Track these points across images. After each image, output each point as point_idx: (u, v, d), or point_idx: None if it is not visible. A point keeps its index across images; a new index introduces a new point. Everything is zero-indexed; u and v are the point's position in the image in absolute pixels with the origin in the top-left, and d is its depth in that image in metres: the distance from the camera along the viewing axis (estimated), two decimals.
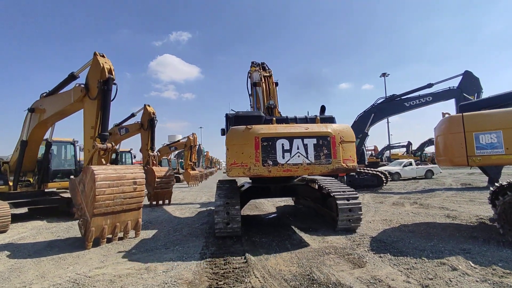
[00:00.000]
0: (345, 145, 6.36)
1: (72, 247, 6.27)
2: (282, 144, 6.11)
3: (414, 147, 48.29)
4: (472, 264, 4.34)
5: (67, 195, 9.85)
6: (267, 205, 11.55)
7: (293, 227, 7.62)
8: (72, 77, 7.81)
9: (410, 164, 22.12)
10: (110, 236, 6.51)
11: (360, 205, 6.87)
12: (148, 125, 13.08)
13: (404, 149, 49.01)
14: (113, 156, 16.02)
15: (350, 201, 6.90)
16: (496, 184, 7.40)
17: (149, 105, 13.31)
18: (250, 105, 14.40)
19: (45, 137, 9.84)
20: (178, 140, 26.25)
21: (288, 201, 12.31)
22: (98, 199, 6.00)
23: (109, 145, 7.04)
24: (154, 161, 12.91)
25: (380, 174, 15.91)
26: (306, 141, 6.19)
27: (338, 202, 6.84)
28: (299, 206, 11.21)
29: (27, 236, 7.42)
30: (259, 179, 8.35)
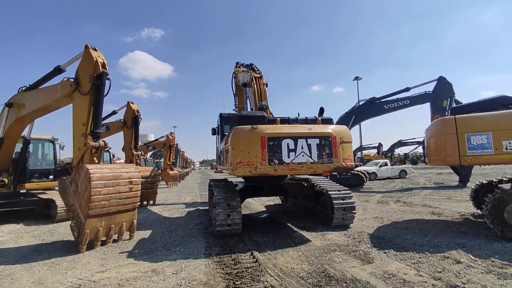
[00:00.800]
0: (344, 145, 6.60)
1: (63, 251, 5.90)
2: (288, 143, 6.21)
3: (384, 148, 50.41)
4: (472, 257, 4.62)
5: (46, 196, 9.25)
6: (256, 205, 11.54)
7: (289, 225, 7.69)
8: (58, 70, 7.35)
9: (386, 164, 23.06)
10: (104, 238, 6.21)
11: (354, 204, 7.18)
12: (132, 123, 12.59)
13: (375, 150, 50.99)
14: None
15: (345, 200, 7.21)
16: (477, 182, 7.95)
17: (132, 103, 12.82)
18: (235, 105, 14.33)
19: (22, 134, 9.17)
20: (157, 139, 25.48)
21: (275, 200, 12.38)
22: (94, 200, 5.70)
23: (102, 143, 6.70)
24: (138, 160, 12.45)
25: (361, 174, 16.47)
26: (309, 141, 6.34)
27: (334, 201, 7.11)
28: (287, 204, 11.33)
29: (7, 241, 6.87)
30: (253, 178, 8.42)
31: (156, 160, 38.26)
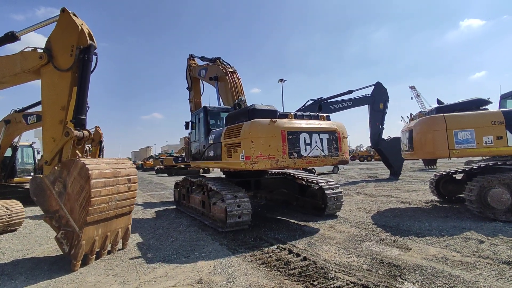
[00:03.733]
0: (345, 140, 6.97)
1: (45, 271, 4.55)
2: (304, 137, 6.31)
3: None
4: (485, 236, 5.29)
5: None
6: None
7: (285, 219, 7.65)
8: (11, 37, 5.67)
9: None
10: (97, 249, 5.02)
11: (342, 193, 7.78)
12: None
13: None
14: (9, 152, 12.26)
15: (335, 191, 7.71)
16: (436, 173, 9.16)
17: None
18: (189, 99, 13.46)
19: None
20: None
21: None
22: (93, 203, 4.56)
23: (87, 132, 5.46)
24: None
25: (312, 169, 17.38)
26: (321, 135, 6.59)
27: (327, 191, 7.55)
28: (256, 199, 11.20)
29: None
30: (235, 173, 8.20)
31: None
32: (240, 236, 6.05)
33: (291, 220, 7.47)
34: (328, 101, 18.19)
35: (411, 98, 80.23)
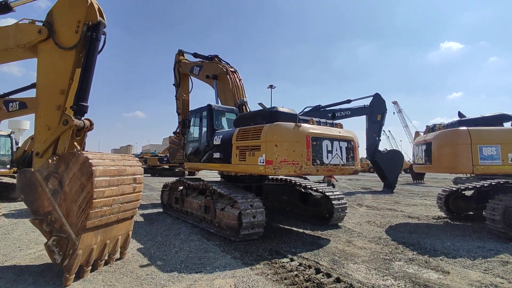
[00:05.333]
0: (358, 150, 6.69)
1: (30, 285, 3.81)
2: (327, 145, 6.00)
3: None
4: None
5: None
6: None
7: (294, 229, 7.26)
8: (4, 7, 4.87)
9: None
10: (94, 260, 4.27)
11: (346, 203, 7.58)
12: None
13: None
14: None
15: (340, 201, 7.46)
16: (446, 189, 8.89)
17: None
18: (176, 96, 12.74)
19: None
20: None
21: None
22: (96, 205, 3.85)
23: (87, 122, 4.71)
24: None
25: (305, 178, 16.97)
26: (341, 144, 6.36)
27: (333, 201, 7.29)
28: None
29: None
30: (235, 178, 7.78)
31: None
32: (253, 248, 5.44)
33: (301, 231, 6.98)
34: (326, 109, 17.92)
35: (393, 113, 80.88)
